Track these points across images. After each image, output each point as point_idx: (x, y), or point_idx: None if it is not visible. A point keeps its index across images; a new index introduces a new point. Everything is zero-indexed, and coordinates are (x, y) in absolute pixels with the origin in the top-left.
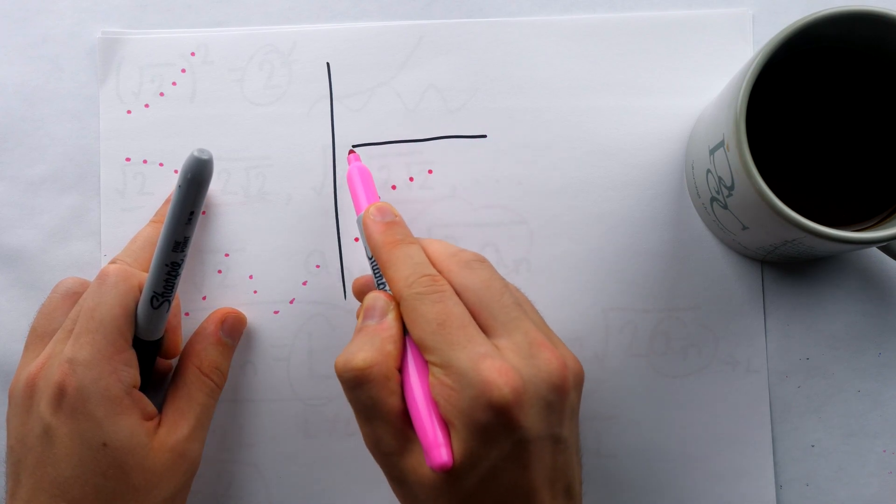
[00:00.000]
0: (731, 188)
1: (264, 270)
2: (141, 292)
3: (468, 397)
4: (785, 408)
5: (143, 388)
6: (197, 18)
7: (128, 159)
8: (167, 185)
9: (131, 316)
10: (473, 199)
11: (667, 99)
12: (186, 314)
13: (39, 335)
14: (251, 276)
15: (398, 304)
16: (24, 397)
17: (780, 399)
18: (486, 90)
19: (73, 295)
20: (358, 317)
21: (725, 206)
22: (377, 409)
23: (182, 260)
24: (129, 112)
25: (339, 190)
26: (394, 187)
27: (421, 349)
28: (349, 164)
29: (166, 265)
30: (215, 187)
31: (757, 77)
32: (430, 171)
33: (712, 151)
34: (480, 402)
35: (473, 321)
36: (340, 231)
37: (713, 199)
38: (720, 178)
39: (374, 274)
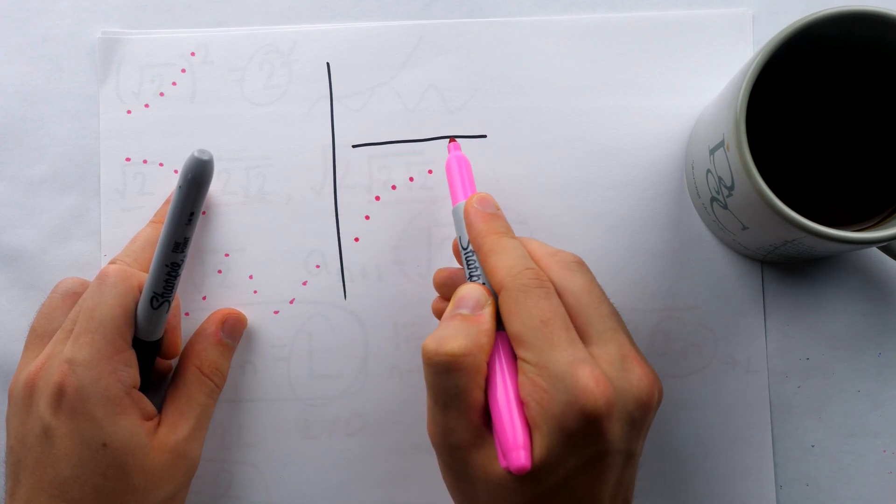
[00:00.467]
0: (731, 188)
1: (264, 270)
2: (141, 292)
3: (561, 402)
4: (785, 408)
5: (143, 388)
6: (197, 18)
7: (128, 159)
8: (167, 185)
9: (131, 316)
10: None
11: (667, 99)
12: (186, 314)
13: (39, 335)
14: (251, 276)
15: (496, 297)
16: (24, 397)
17: (780, 399)
18: (486, 90)
19: (72, 295)
20: (449, 305)
21: (725, 206)
22: (459, 400)
23: (182, 260)
24: (129, 112)
25: (338, 190)
26: (394, 187)
27: (516, 344)
28: (449, 152)
29: (166, 265)
30: (215, 187)
31: (757, 77)
32: (430, 171)
33: (712, 151)
34: (573, 409)
35: (572, 325)
36: (340, 231)
37: (713, 199)
38: (720, 178)
39: (467, 266)
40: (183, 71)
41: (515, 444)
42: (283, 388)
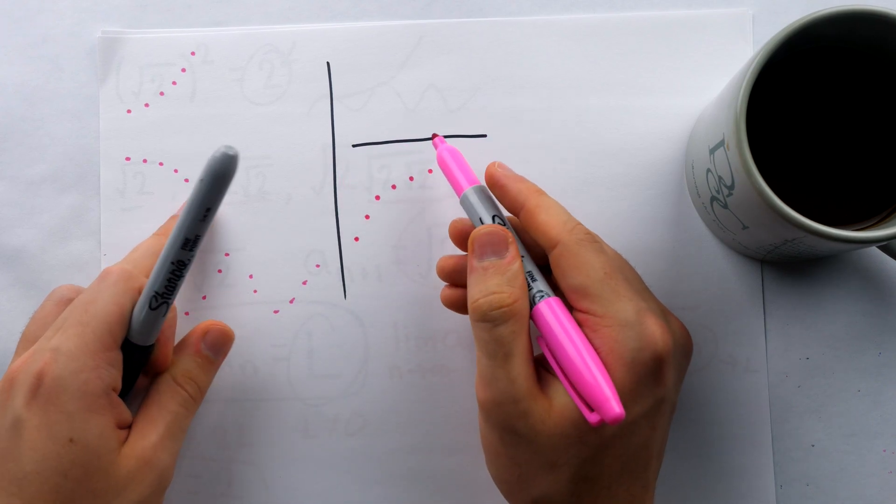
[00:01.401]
0: (731, 188)
1: (264, 270)
2: (140, 296)
3: (633, 348)
4: (785, 408)
5: (124, 395)
6: (197, 18)
7: (128, 159)
8: (167, 185)
9: (125, 317)
10: None
11: (667, 99)
12: (186, 314)
13: (30, 340)
14: (251, 276)
15: (516, 241)
16: (2, 392)
17: (780, 399)
18: (486, 90)
19: (66, 302)
20: (470, 255)
21: (725, 206)
22: (518, 345)
23: (189, 260)
24: (129, 112)
25: (338, 189)
26: (394, 187)
27: (579, 297)
28: (436, 147)
29: (172, 263)
30: None
31: (757, 77)
32: (430, 171)
33: (712, 151)
34: (644, 354)
35: (639, 280)
36: (340, 231)
37: (713, 199)
38: (720, 178)
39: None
40: (183, 70)
41: (605, 396)
42: (283, 388)
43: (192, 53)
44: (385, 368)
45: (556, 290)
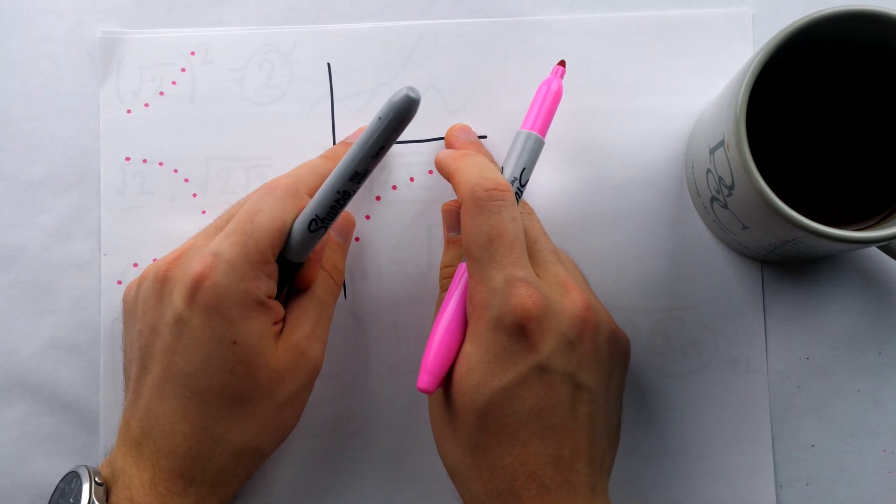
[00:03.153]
0: (731, 188)
1: None
2: (300, 214)
3: (495, 315)
4: (785, 408)
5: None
6: (197, 18)
7: (127, 159)
8: (167, 185)
9: (285, 232)
10: None
11: (667, 99)
12: None
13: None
14: None
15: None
16: (156, 283)
17: (780, 399)
18: (486, 90)
19: None
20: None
21: (725, 206)
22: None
23: (354, 192)
24: (128, 111)
25: None
26: (394, 187)
27: (466, 255)
28: (551, 74)
29: (338, 192)
30: (215, 186)
31: (757, 77)
32: (430, 172)
33: (712, 151)
34: (504, 321)
35: (523, 242)
36: None
37: (713, 199)
38: (720, 178)
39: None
40: (183, 70)
41: (423, 367)
42: None
43: (192, 53)
44: (385, 368)
45: None
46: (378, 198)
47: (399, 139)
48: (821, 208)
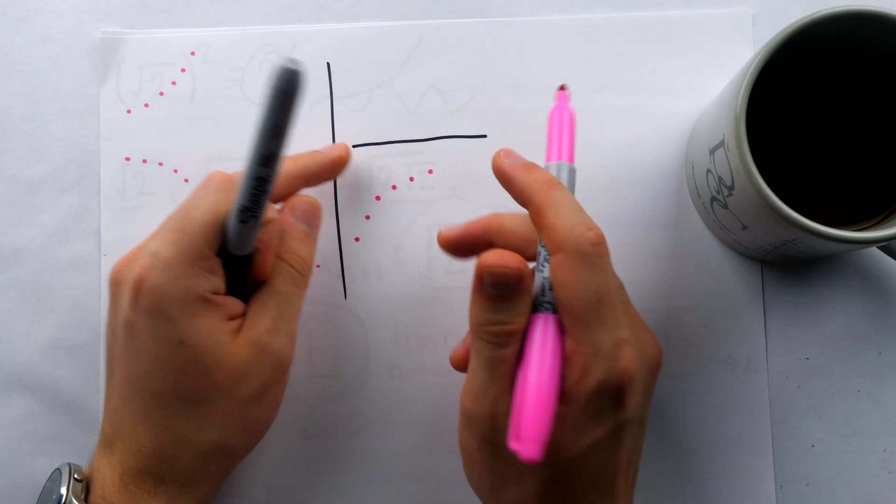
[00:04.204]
0: (731, 188)
1: None
2: None
3: (599, 380)
4: (785, 408)
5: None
6: (197, 18)
7: (127, 159)
8: (167, 185)
9: (220, 225)
10: (473, 199)
11: (667, 99)
12: None
13: None
14: None
15: (555, 253)
16: (112, 287)
17: (780, 399)
18: (486, 90)
19: None
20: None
21: (725, 206)
22: (515, 363)
23: (269, 176)
24: (128, 112)
25: (339, 190)
26: (394, 187)
27: (564, 312)
28: (557, 101)
29: (253, 179)
30: None
31: (757, 77)
32: (430, 171)
33: (712, 151)
34: (609, 386)
35: (624, 298)
36: (340, 231)
37: (713, 199)
38: (720, 178)
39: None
40: (183, 70)
41: (535, 437)
42: None
43: (192, 53)
44: (385, 368)
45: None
46: (378, 198)
47: (399, 139)
48: (821, 208)
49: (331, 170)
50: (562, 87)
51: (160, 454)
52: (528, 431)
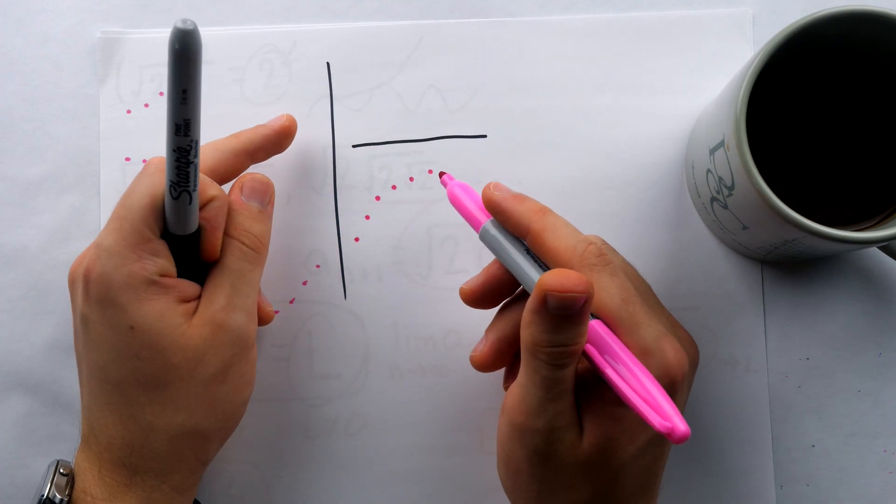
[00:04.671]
0: (731, 188)
1: (264, 270)
2: None
3: (654, 377)
4: (785, 408)
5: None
6: (197, 18)
7: (127, 159)
8: None
9: (158, 207)
10: None
11: (667, 99)
12: None
13: None
14: None
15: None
16: (70, 287)
17: (780, 399)
18: (486, 90)
19: None
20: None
21: (725, 206)
22: (572, 381)
23: (189, 146)
24: (128, 112)
25: (339, 190)
26: (394, 187)
27: (610, 318)
28: (446, 186)
29: (174, 150)
30: None
31: (757, 77)
32: (430, 171)
33: (712, 151)
34: (662, 382)
35: (653, 297)
36: (340, 231)
37: (713, 199)
38: (720, 178)
39: (525, 259)
40: None
41: (671, 415)
42: (283, 388)
43: None
44: (385, 368)
45: None
46: (378, 198)
47: (399, 139)
48: (821, 208)
49: (276, 142)
50: (442, 173)
51: (130, 444)
52: (665, 413)
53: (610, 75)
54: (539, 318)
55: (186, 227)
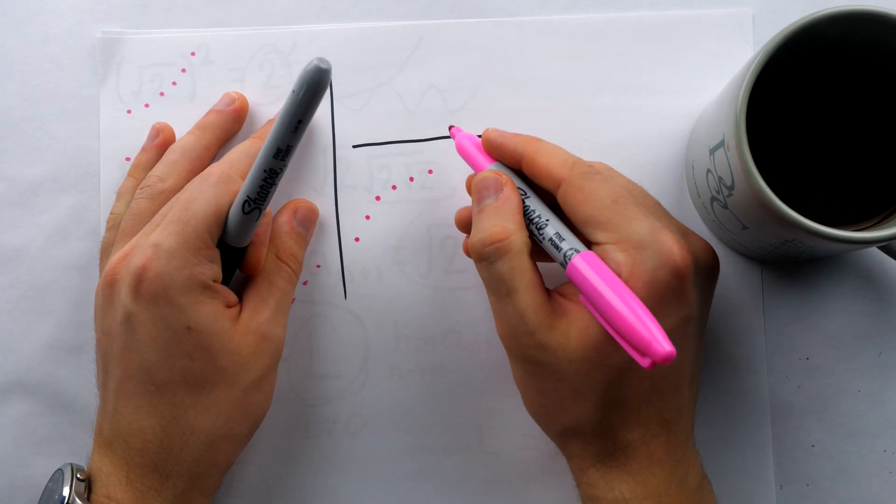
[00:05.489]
0: (731, 188)
1: None
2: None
3: (650, 268)
4: (785, 408)
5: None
6: (197, 18)
7: (127, 159)
8: None
9: (222, 218)
10: None
11: (667, 99)
12: None
13: (128, 234)
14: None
15: (512, 184)
16: (106, 287)
17: (780, 399)
18: (486, 90)
19: (160, 196)
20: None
21: (725, 206)
22: (521, 279)
23: (281, 169)
24: (129, 112)
25: (339, 190)
26: (394, 187)
27: (591, 228)
28: (454, 137)
29: (265, 171)
30: None
31: (757, 77)
32: (430, 171)
33: (712, 151)
34: (663, 271)
35: (649, 199)
36: (341, 231)
37: (713, 199)
38: (720, 178)
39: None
40: (183, 71)
41: (649, 337)
42: (283, 388)
43: (192, 54)
44: (385, 368)
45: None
46: (378, 198)
47: (399, 139)
48: (821, 208)
49: (235, 122)
50: (451, 127)
51: (167, 448)
52: (641, 337)
53: (610, 75)
54: (473, 218)
55: (244, 241)
